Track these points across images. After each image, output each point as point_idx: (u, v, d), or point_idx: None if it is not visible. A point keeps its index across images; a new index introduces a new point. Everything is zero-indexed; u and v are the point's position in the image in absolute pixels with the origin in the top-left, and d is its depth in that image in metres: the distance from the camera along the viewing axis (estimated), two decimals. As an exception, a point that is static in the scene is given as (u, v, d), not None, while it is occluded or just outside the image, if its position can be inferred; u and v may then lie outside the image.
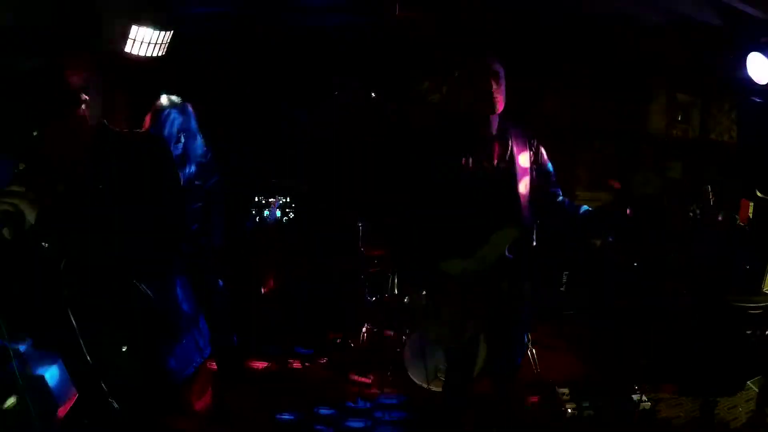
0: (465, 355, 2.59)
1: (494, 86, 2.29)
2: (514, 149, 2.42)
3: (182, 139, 2.90)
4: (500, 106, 2.32)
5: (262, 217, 4.61)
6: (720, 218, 3.66)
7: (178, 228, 2.22)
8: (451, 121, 2.46)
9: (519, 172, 2.41)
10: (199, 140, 3.00)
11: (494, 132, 2.41)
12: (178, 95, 2.94)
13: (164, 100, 2.89)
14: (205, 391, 2.54)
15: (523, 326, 2.86)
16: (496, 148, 2.43)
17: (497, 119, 2.40)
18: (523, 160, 2.42)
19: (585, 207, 2.43)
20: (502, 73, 2.32)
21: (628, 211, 2.31)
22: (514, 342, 2.86)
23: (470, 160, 2.39)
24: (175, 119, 2.87)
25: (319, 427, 3.12)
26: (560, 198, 2.54)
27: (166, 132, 2.82)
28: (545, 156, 2.53)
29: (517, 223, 2.40)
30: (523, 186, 2.42)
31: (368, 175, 4.36)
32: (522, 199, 2.42)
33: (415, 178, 2.46)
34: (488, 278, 2.40)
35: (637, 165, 4.70)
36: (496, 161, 2.41)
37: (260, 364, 3.83)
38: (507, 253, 2.39)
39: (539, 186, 2.49)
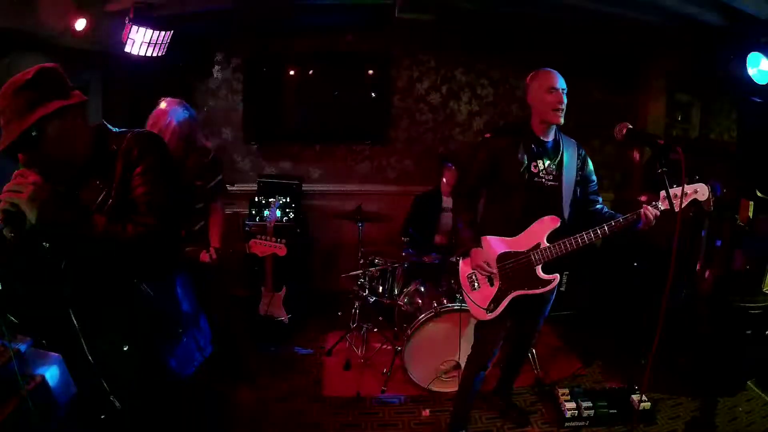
0: (493, 334, 2.79)
1: (563, 100, 2.57)
2: (565, 155, 2.69)
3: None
4: (563, 118, 2.60)
5: (262, 217, 4.61)
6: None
7: (179, 228, 2.23)
8: (516, 126, 2.78)
9: (566, 175, 2.67)
10: (201, 140, 3.00)
11: (551, 138, 2.71)
12: (178, 95, 2.93)
13: (164, 100, 2.88)
14: (206, 390, 2.54)
15: (543, 319, 3.03)
16: (550, 152, 2.69)
17: (555, 128, 2.70)
18: (571, 165, 2.69)
19: (619, 215, 2.61)
20: (566, 89, 2.60)
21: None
22: (534, 334, 3.10)
23: (528, 158, 2.64)
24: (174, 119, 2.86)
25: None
26: (599, 205, 2.82)
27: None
28: (591, 166, 2.81)
29: (558, 216, 2.65)
30: (568, 187, 2.68)
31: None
32: (565, 197, 2.68)
33: (483, 169, 2.72)
34: (526, 258, 2.65)
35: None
36: (548, 162, 2.66)
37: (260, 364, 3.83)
38: (545, 241, 2.62)
39: (582, 191, 2.78)
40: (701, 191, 2.41)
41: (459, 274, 2.81)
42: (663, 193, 2.38)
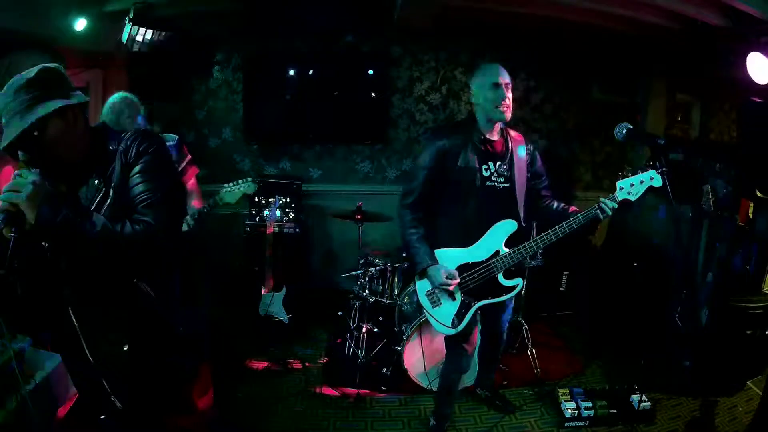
0: (463, 342, 2.75)
1: (508, 95, 2.49)
2: (514, 152, 2.59)
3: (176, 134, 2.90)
4: (510, 114, 2.53)
5: (262, 217, 4.61)
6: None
7: (178, 226, 2.22)
8: (460, 125, 2.68)
9: (517, 173, 2.59)
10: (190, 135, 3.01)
11: (498, 136, 2.61)
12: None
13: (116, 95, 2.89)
14: (207, 390, 2.54)
15: (507, 319, 3.02)
16: (499, 151, 2.60)
17: (502, 125, 2.61)
18: (522, 164, 2.61)
19: (574, 209, 2.57)
20: (510, 83, 2.53)
21: None
22: (502, 333, 3.06)
23: (478, 161, 2.54)
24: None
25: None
26: (550, 201, 2.75)
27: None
28: (540, 160, 2.72)
29: (514, 219, 2.57)
30: (521, 188, 2.60)
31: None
32: (519, 198, 2.60)
33: (430, 174, 2.58)
34: (486, 269, 2.56)
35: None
36: (498, 163, 2.57)
37: (260, 364, 3.83)
38: (503, 247, 2.54)
39: (533, 187, 2.70)
40: (654, 179, 2.38)
41: (416, 292, 2.69)
42: (619, 184, 2.40)
